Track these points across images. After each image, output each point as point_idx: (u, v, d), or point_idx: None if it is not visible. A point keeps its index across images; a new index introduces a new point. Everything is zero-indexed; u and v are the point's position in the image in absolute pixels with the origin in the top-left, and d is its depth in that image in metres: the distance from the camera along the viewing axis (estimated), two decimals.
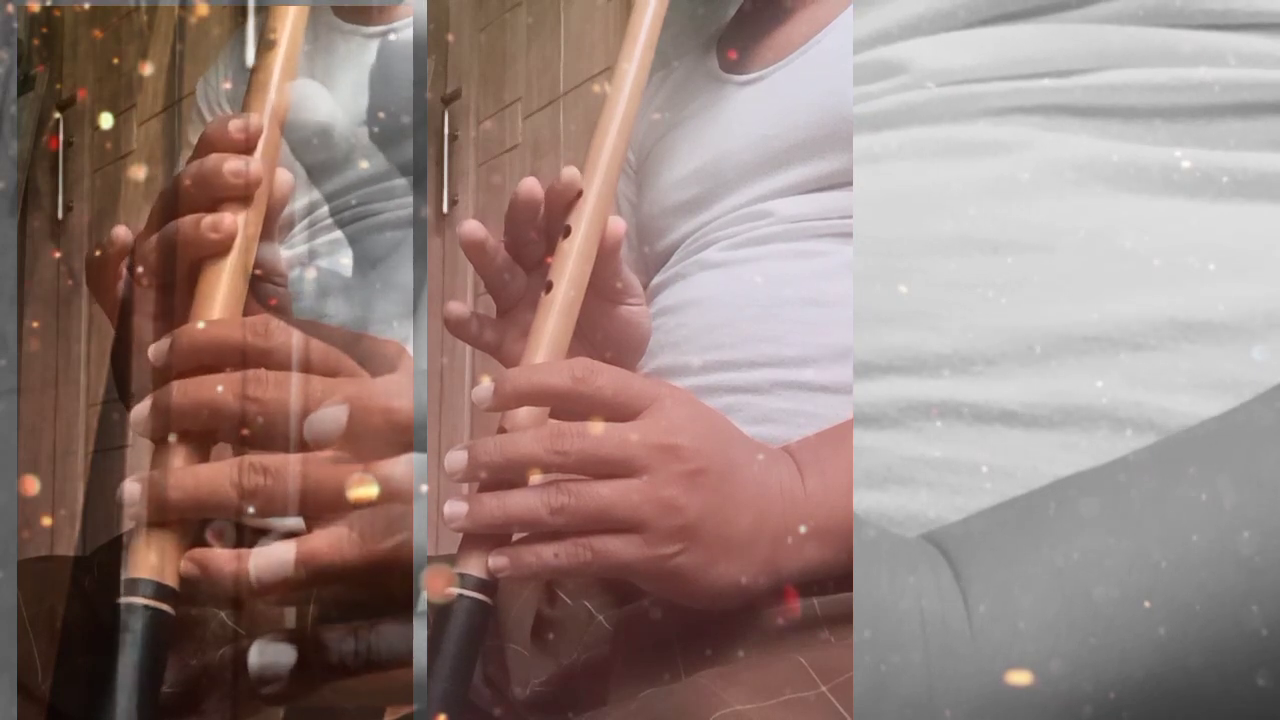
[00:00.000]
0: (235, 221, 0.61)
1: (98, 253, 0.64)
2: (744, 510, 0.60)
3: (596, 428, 0.59)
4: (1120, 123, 0.56)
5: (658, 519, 0.58)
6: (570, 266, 0.66)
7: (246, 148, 0.61)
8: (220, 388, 0.57)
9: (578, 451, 0.59)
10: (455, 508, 0.60)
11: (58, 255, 1.45)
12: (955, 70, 0.58)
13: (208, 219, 0.60)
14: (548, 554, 0.59)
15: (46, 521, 0.70)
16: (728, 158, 0.80)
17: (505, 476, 0.60)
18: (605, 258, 0.67)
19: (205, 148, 0.62)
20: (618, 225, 0.68)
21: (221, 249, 0.61)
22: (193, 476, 0.57)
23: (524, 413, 0.63)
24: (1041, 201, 0.55)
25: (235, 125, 0.61)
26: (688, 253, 0.80)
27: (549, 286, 0.65)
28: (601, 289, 0.68)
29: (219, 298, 0.60)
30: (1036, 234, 0.55)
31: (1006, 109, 0.57)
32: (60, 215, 1.47)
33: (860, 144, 0.58)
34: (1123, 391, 0.53)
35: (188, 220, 0.61)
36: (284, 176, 0.63)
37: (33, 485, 0.66)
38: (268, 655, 0.56)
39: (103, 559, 0.72)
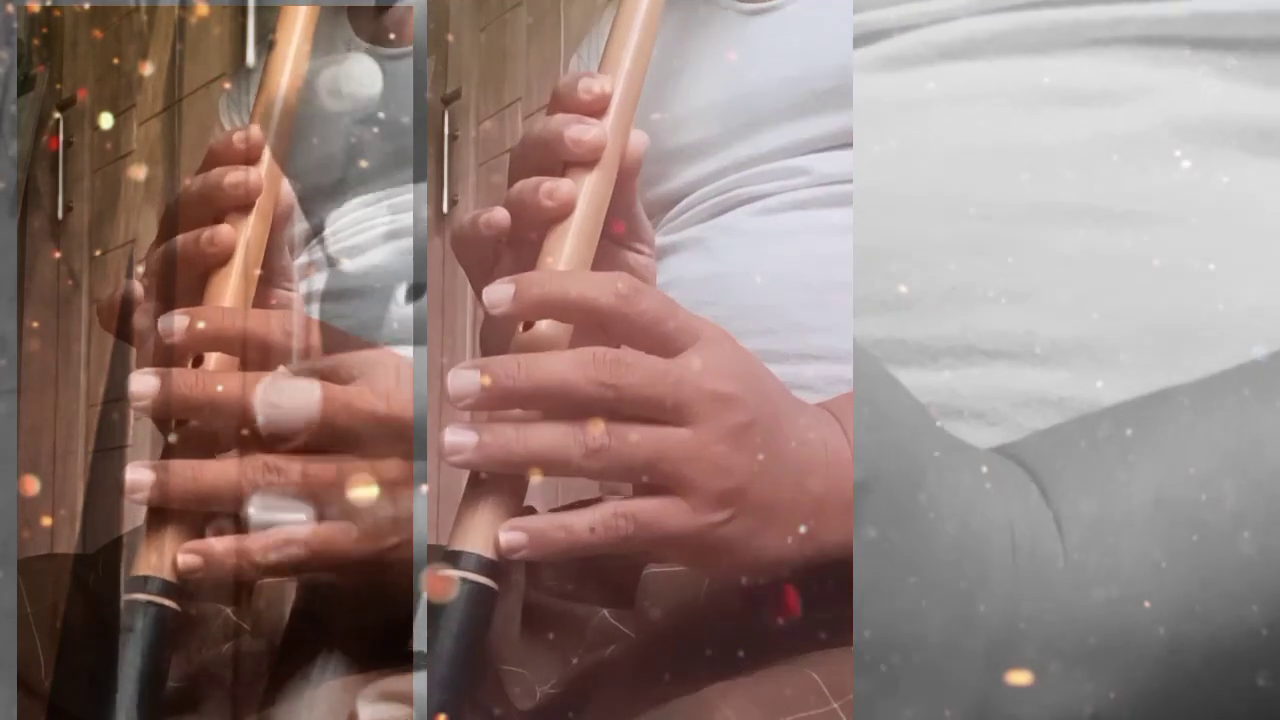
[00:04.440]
0: (234, 234, 0.62)
1: (108, 297, 0.66)
2: (788, 471, 0.52)
3: (649, 360, 0.50)
4: (1242, 58, 0.49)
5: (706, 479, 0.50)
6: (589, 184, 0.56)
7: (249, 159, 0.63)
8: (221, 387, 0.58)
9: (626, 386, 0.49)
10: (461, 436, 0.50)
11: (58, 255, 1.45)
12: None
13: (206, 233, 0.62)
14: (580, 527, 0.50)
15: (46, 521, 0.70)
16: (741, 99, 0.71)
17: (529, 406, 0.51)
18: (623, 179, 0.58)
19: (210, 161, 0.64)
20: (640, 140, 0.59)
21: (220, 261, 0.62)
22: (202, 469, 0.58)
23: (546, 327, 0.52)
24: (1155, 163, 0.49)
25: (238, 136, 0.63)
26: (704, 213, 0.71)
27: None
28: (608, 221, 0.59)
29: (225, 302, 0.62)
30: (1162, 202, 0.48)
31: (1108, 39, 0.49)
32: (60, 215, 1.47)
33: (908, 79, 0.50)
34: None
35: (188, 236, 0.62)
36: (289, 186, 0.65)
37: (33, 485, 0.66)
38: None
39: (107, 557, 0.72)
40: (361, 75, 0.72)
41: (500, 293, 0.51)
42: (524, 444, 0.50)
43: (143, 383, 0.58)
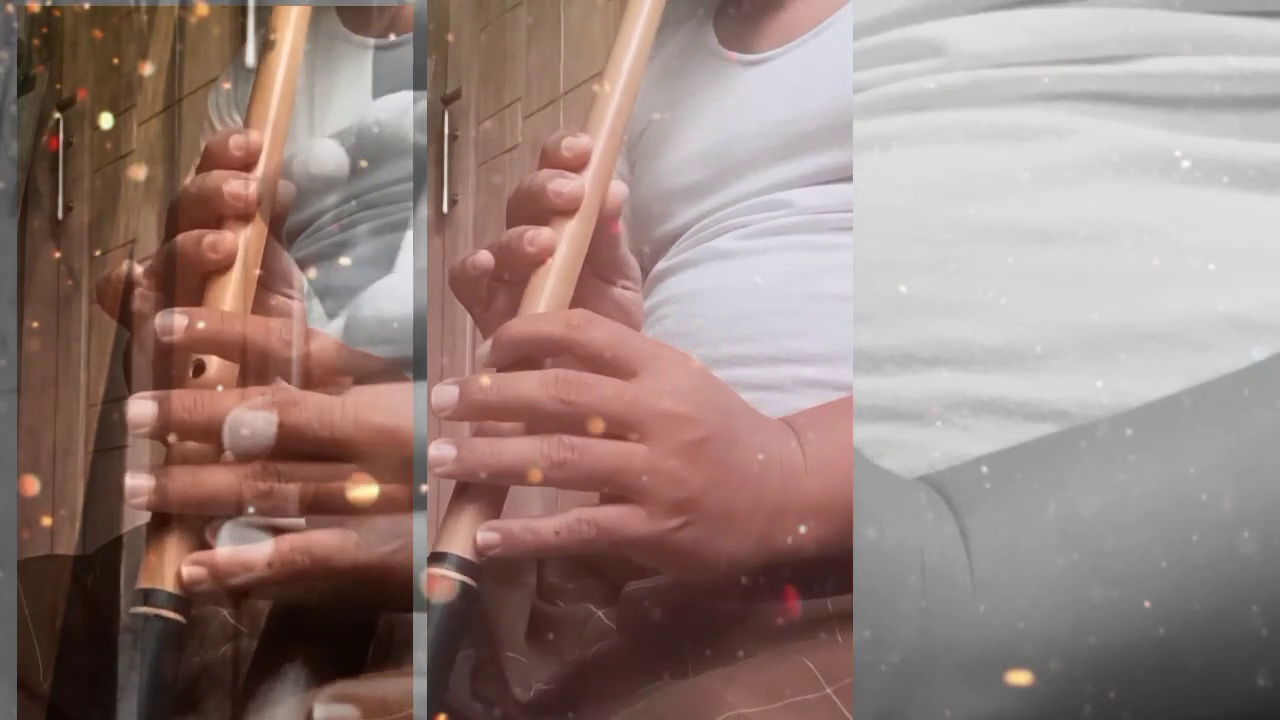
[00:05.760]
0: (235, 241, 0.62)
1: (106, 275, 0.65)
2: (745, 483, 0.57)
3: (607, 382, 0.56)
4: (1169, 112, 0.54)
5: (660, 490, 0.56)
6: (569, 230, 0.62)
7: (246, 164, 0.62)
8: (221, 399, 0.57)
9: (583, 403, 0.55)
10: (443, 450, 0.56)
11: (58, 255, 1.45)
12: (995, 54, 0.55)
13: (209, 238, 0.62)
14: (547, 531, 0.56)
15: (46, 521, 0.70)
16: (737, 142, 0.76)
17: (499, 419, 0.57)
18: (603, 224, 0.64)
19: (207, 163, 0.63)
20: (619, 190, 0.64)
21: (222, 267, 0.62)
22: (202, 474, 0.57)
23: None
24: (1093, 190, 0.53)
25: (235, 141, 0.62)
26: (696, 240, 0.77)
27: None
28: (596, 261, 0.65)
29: (225, 307, 0.61)
30: (1088, 225, 0.53)
31: (1053, 95, 0.55)
32: (60, 215, 1.47)
33: (896, 125, 0.55)
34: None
35: (190, 237, 0.62)
36: (285, 187, 0.64)
37: (33, 485, 0.66)
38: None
39: (105, 558, 0.72)
40: (327, 158, 0.75)
41: (483, 347, 0.59)
42: (496, 457, 0.56)
43: (140, 409, 0.57)
